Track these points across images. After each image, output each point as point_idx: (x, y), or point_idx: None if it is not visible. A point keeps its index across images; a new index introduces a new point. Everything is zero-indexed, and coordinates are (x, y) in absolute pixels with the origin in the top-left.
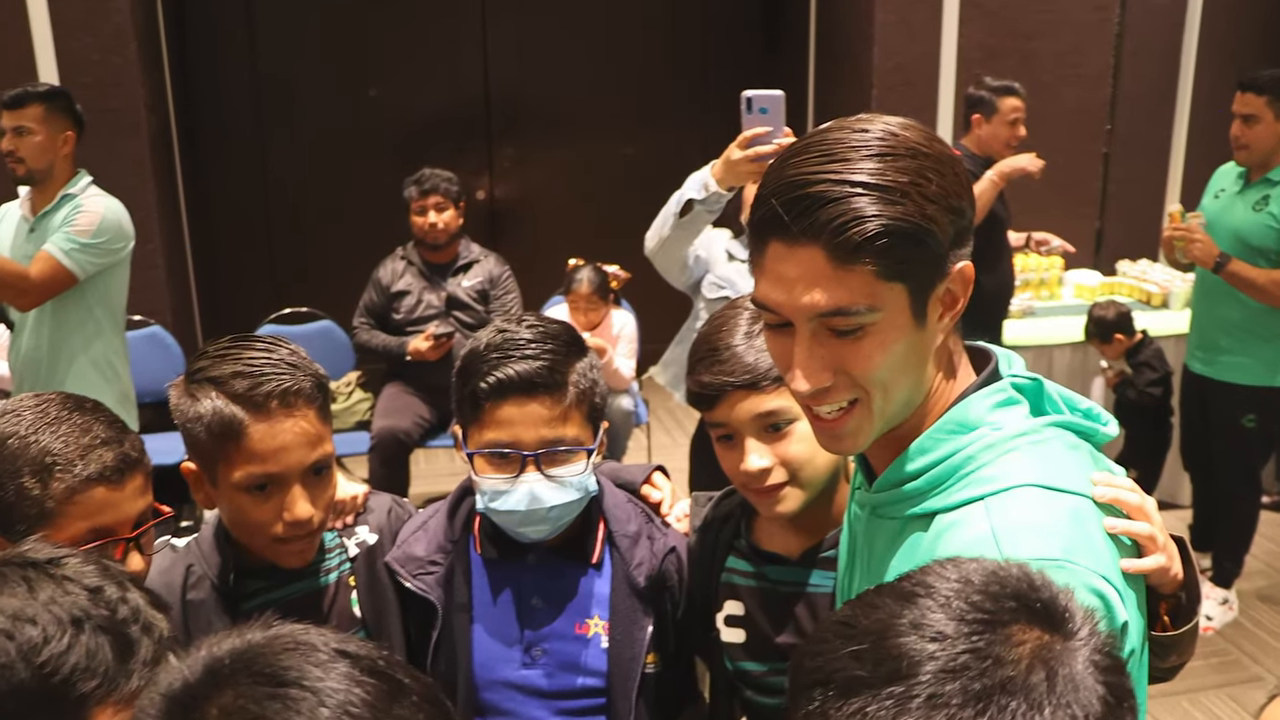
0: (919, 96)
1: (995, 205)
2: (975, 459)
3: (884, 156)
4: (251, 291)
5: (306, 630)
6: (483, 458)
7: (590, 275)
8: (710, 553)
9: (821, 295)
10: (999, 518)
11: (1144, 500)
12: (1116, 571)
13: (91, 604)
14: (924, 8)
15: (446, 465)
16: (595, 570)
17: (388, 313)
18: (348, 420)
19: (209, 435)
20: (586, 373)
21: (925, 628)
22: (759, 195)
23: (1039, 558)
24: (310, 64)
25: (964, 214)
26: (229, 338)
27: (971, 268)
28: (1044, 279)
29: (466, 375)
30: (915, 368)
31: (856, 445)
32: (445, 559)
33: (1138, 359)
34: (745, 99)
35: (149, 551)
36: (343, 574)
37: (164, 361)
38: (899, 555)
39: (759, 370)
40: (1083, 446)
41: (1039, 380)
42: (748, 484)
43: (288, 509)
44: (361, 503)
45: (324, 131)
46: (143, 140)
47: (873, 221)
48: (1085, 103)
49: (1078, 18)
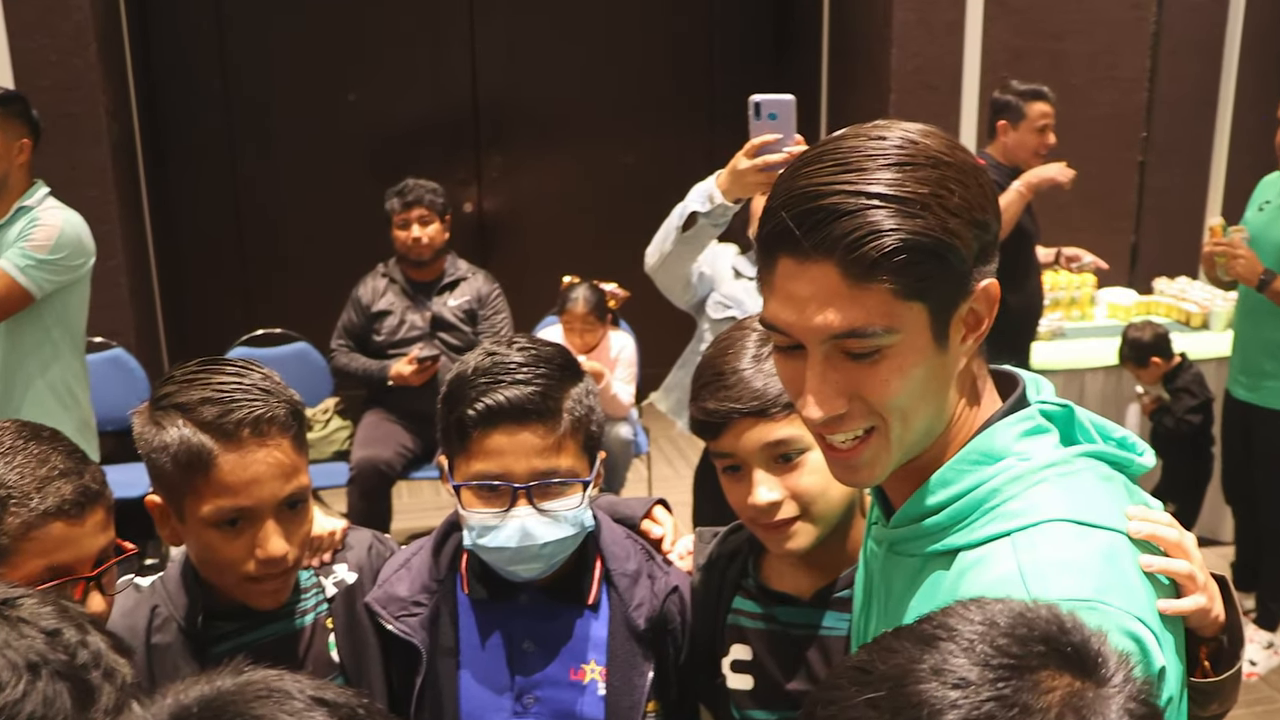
0: (940, 101)
1: (1022, 218)
2: (1001, 492)
3: (903, 166)
4: (221, 311)
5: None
6: (470, 490)
7: (586, 294)
8: (715, 593)
9: (835, 315)
10: (1026, 555)
11: (1183, 536)
12: (1153, 613)
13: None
14: (946, 6)
15: (431, 498)
16: (591, 612)
17: (368, 334)
18: (325, 450)
19: (175, 466)
20: (582, 399)
21: (947, 673)
22: (768, 208)
23: (1070, 598)
24: (284, 66)
25: (989, 228)
26: (197, 361)
27: (997, 286)
28: (1075, 298)
29: (453, 402)
30: (936, 393)
31: (873, 477)
32: (430, 600)
33: (1176, 384)
34: (753, 104)
35: (111, 591)
36: (319, 615)
37: (127, 387)
38: (919, 595)
39: (768, 396)
40: (1117, 478)
41: (1069, 407)
42: (756, 519)
43: (260, 546)
44: (340, 539)
45: (300, 139)
46: (104, 148)
47: (890, 236)
48: (1120, 107)
49: (1112, 16)
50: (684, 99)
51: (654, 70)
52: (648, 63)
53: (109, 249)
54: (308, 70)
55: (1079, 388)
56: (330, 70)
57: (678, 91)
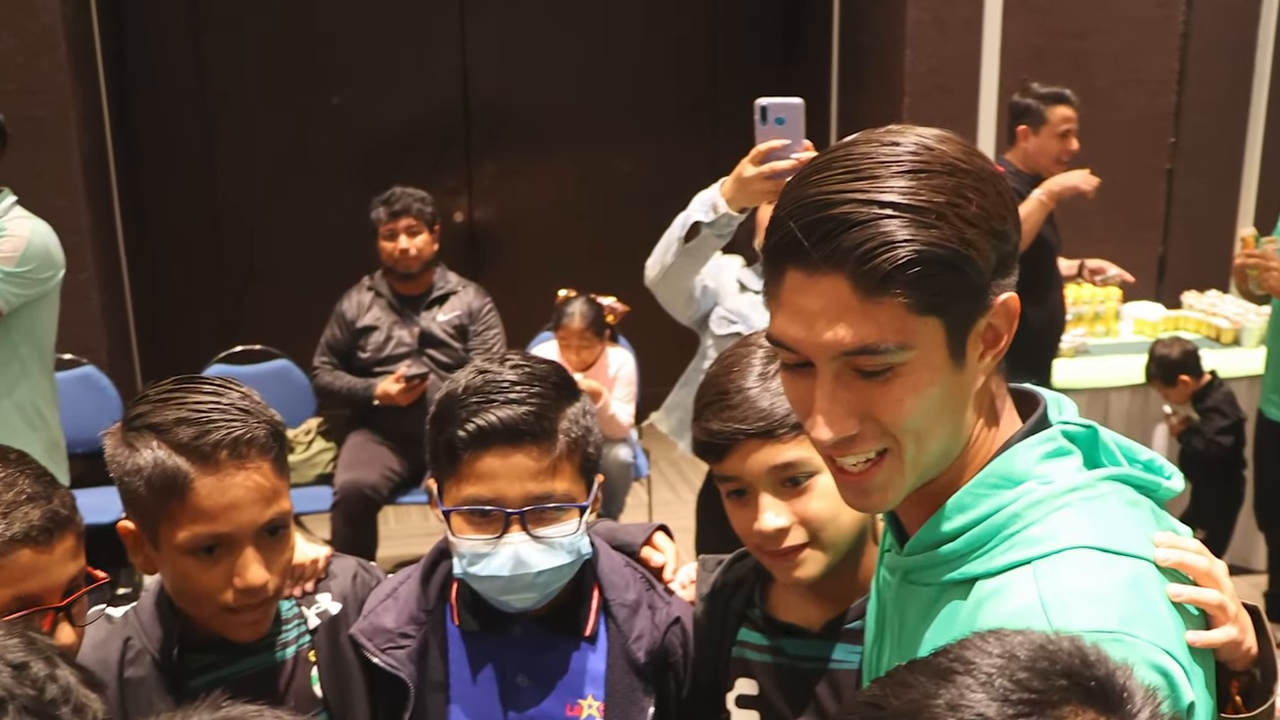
0: (956, 105)
1: (1044, 229)
2: (1021, 517)
3: (917, 173)
4: (198, 327)
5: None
6: (461, 516)
7: (583, 309)
8: (719, 624)
9: (846, 331)
10: (1048, 584)
11: (1212, 564)
12: (1182, 645)
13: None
14: (963, 3)
15: (419, 524)
16: (589, 644)
17: (353, 351)
18: (307, 473)
19: (149, 490)
20: (579, 419)
21: (964, 709)
22: (775, 217)
23: (1093, 629)
24: (264, 68)
25: (1008, 238)
26: (172, 380)
27: (1016, 300)
28: (1099, 312)
29: (442, 422)
30: (952, 413)
31: (886, 501)
32: (418, 631)
33: (1206, 404)
34: (759, 108)
35: (81, 622)
36: (301, 648)
37: (98, 406)
38: (934, 627)
39: (775, 416)
40: (1143, 503)
41: (1093, 428)
42: (762, 546)
43: (239, 574)
44: (323, 567)
45: (281, 144)
46: (74, 155)
47: (904, 247)
48: (1146, 111)
49: (1138, 14)
50: (686, 102)
51: (655, 72)
52: (648, 64)
53: (79, 261)
54: (289, 72)
55: (1103, 407)
56: (312, 72)
57: (680, 94)
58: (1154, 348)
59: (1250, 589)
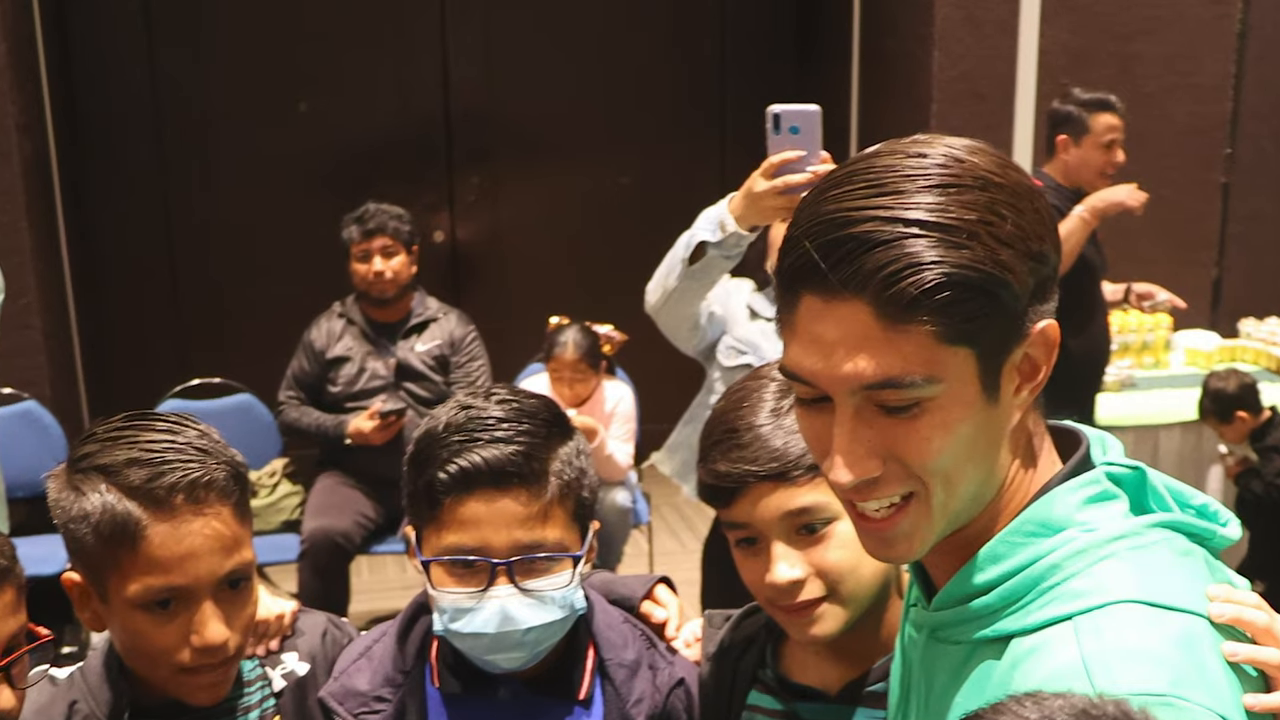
0: (990, 112)
1: (1086, 250)
2: (1061, 569)
3: (946, 188)
4: (151, 358)
5: None
6: (442, 567)
7: (577, 338)
8: (727, 687)
9: (868, 363)
10: (1091, 642)
11: (1273, 619)
12: (1239, 709)
13: None
14: (997, 1)
15: (396, 576)
16: (583, 708)
17: (322, 384)
18: (272, 520)
19: (98, 539)
20: (572, 460)
21: None
22: (789, 237)
23: (1142, 692)
24: (224, 72)
25: (1046, 260)
26: (123, 416)
27: (1056, 328)
28: (1147, 342)
29: (422, 463)
30: (985, 454)
31: (911, 551)
32: (395, 695)
33: (1265, 443)
34: (772, 116)
35: (21, 685)
36: (265, 712)
37: (41, 445)
38: (965, 689)
39: (789, 457)
40: (1196, 552)
41: (1141, 469)
42: (775, 600)
43: (196, 631)
44: (289, 623)
45: (242, 156)
46: (13, 168)
47: (932, 270)
48: (1199, 120)
49: (1190, 14)
50: (691, 110)
51: (656, 76)
52: (648, 67)
53: (20, 285)
54: (251, 77)
55: (1152, 447)
56: (277, 76)
57: (683, 101)
58: (1208, 381)
59: None
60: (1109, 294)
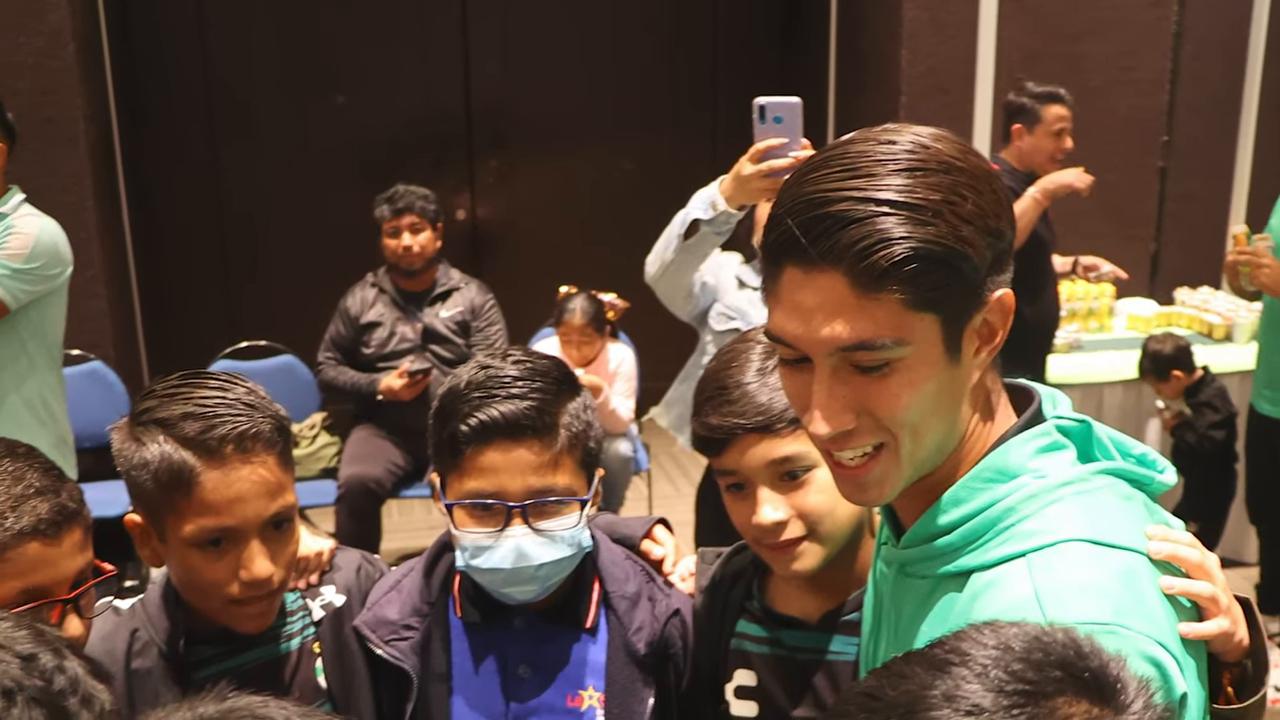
0: (953, 104)
1: (1038, 226)
2: (1016, 511)
3: (913, 172)
4: (204, 323)
5: (265, 703)
6: (463, 509)
7: (584, 305)
8: (718, 616)
9: (843, 327)
10: (1042, 577)
11: (1205, 557)
12: (1174, 637)
13: (24, 673)
14: (959, 4)
15: (423, 518)
16: (589, 636)
17: (357, 347)
18: (312, 467)
19: (156, 484)
20: (580, 414)
21: (960, 700)
22: (773, 215)
23: (1087, 621)
24: (269, 67)
25: (1003, 236)
26: (179, 375)
27: (1011, 296)
28: (1093, 309)
29: (445, 417)
30: (948, 408)
31: (882, 495)
32: (421, 623)
33: (1198, 398)
34: (758, 107)
35: (89, 614)
36: (306, 640)
37: (106, 401)
38: (930, 619)
39: (773, 411)
40: (1136, 497)
41: (1087, 422)
42: (760, 539)
43: (244, 567)
44: (327, 560)
45: (286, 143)
46: (82, 153)
47: (901, 244)
48: (1139, 111)
49: (1131, 16)
50: (686, 101)
51: (655, 72)
52: (649, 64)
53: (86, 258)
54: (294, 72)
55: (1097, 402)
56: (317, 72)
57: (680, 93)
58: (1147, 343)
59: (1242, 581)
60: (1058, 266)
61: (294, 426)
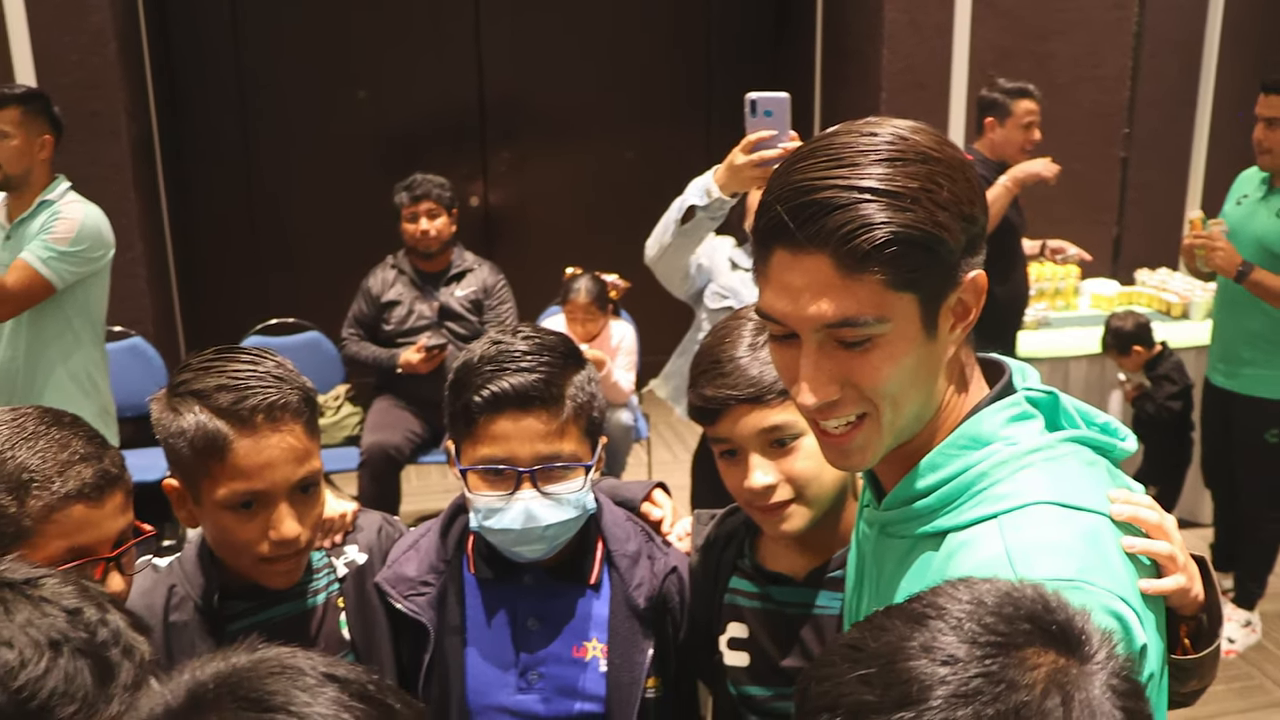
0: (930, 99)
1: (1009, 212)
2: (988, 475)
3: (893, 161)
4: (236, 302)
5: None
6: (476, 474)
7: (588, 285)
8: (713, 573)
9: (828, 305)
10: (1013, 536)
11: (1163, 518)
12: (1135, 592)
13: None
14: (935, 7)
15: (439, 482)
16: (593, 591)
17: (378, 324)
18: (336, 435)
19: (192, 451)
20: (584, 386)
21: (936, 651)
22: (763, 201)
23: (1054, 578)
24: (297, 65)
25: (976, 221)
26: (213, 349)
27: (984, 277)
28: (1059, 288)
29: (460, 388)
30: (926, 380)
31: (865, 461)
32: (438, 580)
33: (1157, 372)
34: (749, 101)
35: (130, 572)
36: (331, 595)
37: (145, 374)
38: (909, 575)
39: (763, 383)
40: (1100, 463)
41: (1054, 394)
42: (752, 501)
43: (274, 527)
44: (350, 521)
45: (312, 135)
46: (123, 145)
47: (882, 229)
48: (1102, 105)
49: (1095, 17)
50: (683, 96)
51: (655, 68)
52: (649, 61)
53: (127, 241)
54: (320, 68)
55: (1063, 375)
56: (342, 69)
57: (677, 89)
58: (1110, 320)
59: (1198, 541)
60: (1028, 249)
61: (319, 397)
